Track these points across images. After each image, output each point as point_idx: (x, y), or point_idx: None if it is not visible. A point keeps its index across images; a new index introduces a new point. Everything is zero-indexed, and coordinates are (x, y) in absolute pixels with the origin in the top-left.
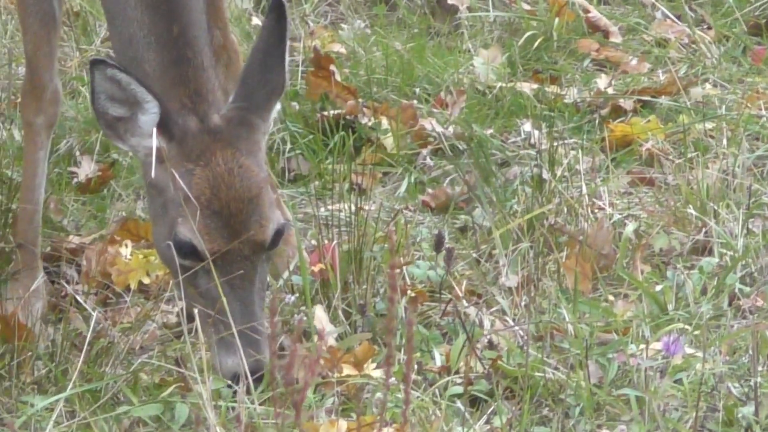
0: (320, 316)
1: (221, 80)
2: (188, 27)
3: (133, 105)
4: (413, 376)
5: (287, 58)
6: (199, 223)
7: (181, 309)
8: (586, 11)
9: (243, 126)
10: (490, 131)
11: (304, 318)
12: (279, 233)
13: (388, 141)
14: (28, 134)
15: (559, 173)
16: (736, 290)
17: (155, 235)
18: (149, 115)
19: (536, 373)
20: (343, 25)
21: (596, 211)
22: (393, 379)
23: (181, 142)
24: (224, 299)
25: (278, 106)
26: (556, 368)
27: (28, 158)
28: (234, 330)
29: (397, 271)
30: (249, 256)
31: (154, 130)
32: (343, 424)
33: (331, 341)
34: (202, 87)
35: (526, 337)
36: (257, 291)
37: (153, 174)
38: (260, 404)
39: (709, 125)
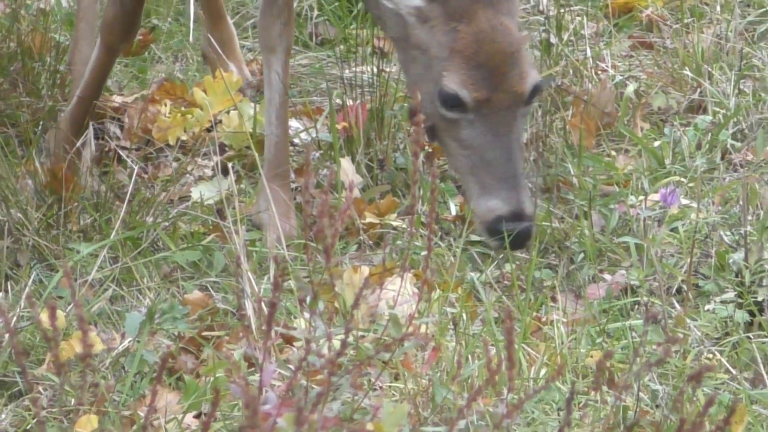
0: (347, 168)
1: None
2: None
3: None
4: None
5: None
6: (464, 74)
7: (217, 163)
8: None
9: None
10: None
11: (335, 169)
12: (536, 89)
13: None
14: (268, 58)
15: (565, 38)
16: (728, 145)
17: (421, 95)
18: None
19: (544, 223)
20: None
21: (600, 72)
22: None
23: (443, 2)
24: (487, 147)
25: None
26: (562, 218)
27: (269, 80)
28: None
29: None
30: (510, 106)
31: None
32: (365, 269)
33: (355, 193)
34: None
35: (534, 189)
36: (516, 140)
37: (414, 34)
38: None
39: None
